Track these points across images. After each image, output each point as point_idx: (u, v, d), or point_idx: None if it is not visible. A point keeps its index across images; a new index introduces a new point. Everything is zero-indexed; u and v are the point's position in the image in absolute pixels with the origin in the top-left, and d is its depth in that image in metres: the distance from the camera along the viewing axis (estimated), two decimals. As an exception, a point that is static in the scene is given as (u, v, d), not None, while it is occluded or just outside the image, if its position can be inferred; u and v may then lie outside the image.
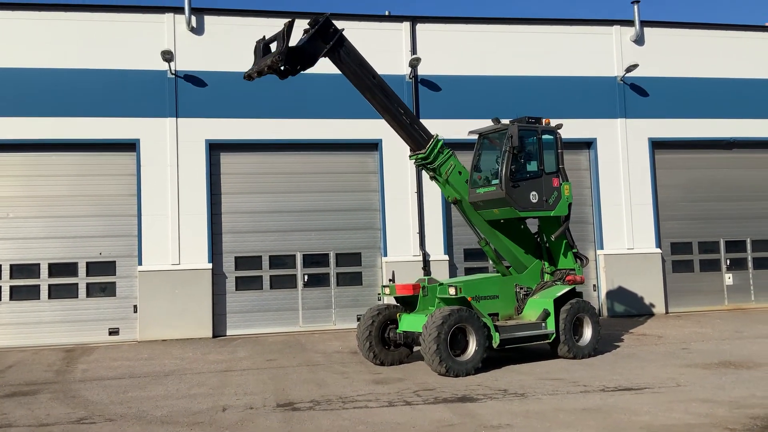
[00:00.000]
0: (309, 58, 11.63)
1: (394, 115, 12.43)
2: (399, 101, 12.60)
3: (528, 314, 12.66)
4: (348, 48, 12.00)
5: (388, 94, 12.38)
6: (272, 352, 14.48)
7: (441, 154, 12.78)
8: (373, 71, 12.27)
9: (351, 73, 12.07)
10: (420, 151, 12.67)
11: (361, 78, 12.12)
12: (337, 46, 11.84)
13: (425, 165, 12.89)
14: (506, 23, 19.66)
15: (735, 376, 10.48)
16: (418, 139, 12.65)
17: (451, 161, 12.91)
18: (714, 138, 20.56)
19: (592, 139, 19.77)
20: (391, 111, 12.40)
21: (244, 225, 18.01)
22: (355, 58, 12.07)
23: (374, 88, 12.20)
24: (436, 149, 12.69)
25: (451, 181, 12.93)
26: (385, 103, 12.31)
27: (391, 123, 12.58)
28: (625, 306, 19.38)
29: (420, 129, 12.72)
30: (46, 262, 17.01)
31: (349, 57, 11.98)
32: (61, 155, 17.33)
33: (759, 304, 20.62)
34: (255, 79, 11.85)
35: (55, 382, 11.85)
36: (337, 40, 11.79)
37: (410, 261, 18.20)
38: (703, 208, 20.60)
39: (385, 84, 12.47)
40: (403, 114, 12.52)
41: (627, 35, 20.24)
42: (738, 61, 20.83)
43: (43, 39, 17.26)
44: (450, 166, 12.87)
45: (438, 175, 12.91)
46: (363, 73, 12.12)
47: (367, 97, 12.32)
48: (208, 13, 18.13)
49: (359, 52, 12.16)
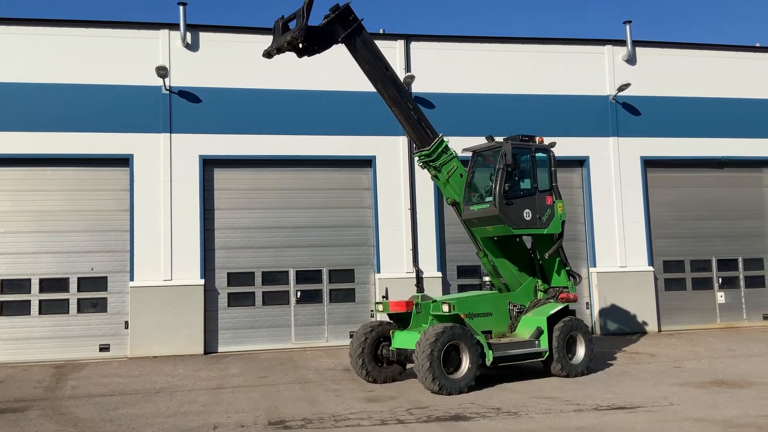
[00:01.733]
0: (326, 39, 11.95)
1: (403, 109, 12.62)
2: (409, 96, 12.85)
3: (521, 332, 12.64)
4: (365, 37, 12.29)
5: (399, 87, 12.67)
6: (264, 369, 14.39)
7: (444, 153, 12.97)
8: (387, 63, 12.57)
9: (365, 62, 12.32)
10: (424, 148, 12.82)
11: (374, 68, 12.37)
12: (355, 34, 12.13)
13: (428, 163, 13.05)
14: (500, 42, 19.81)
15: (728, 395, 10.48)
16: (424, 137, 12.82)
17: (454, 162, 13.10)
18: (706, 157, 20.70)
19: (585, 157, 19.87)
20: (400, 104, 12.59)
21: (237, 241, 17.97)
22: (371, 48, 12.37)
23: (386, 80, 12.45)
24: (440, 148, 12.88)
25: (452, 182, 13.11)
26: (395, 96, 12.53)
27: (399, 117, 12.77)
28: (618, 324, 19.38)
29: (426, 126, 12.90)
30: (37, 278, 16.89)
31: (365, 46, 12.28)
32: (54, 170, 17.28)
33: (751, 322, 20.66)
34: (274, 56, 12.19)
35: (44, 398, 11.73)
36: (355, 28, 12.10)
37: (403, 278, 18.17)
38: (695, 227, 20.69)
39: (397, 78, 12.80)
40: (411, 109, 12.73)
41: (619, 55, 20.42)
42: (729, 81, 21.02)
43: (37, 54, 17.26)
44: (452, 167, 13.06)
45: (439, 174, 13.06)
46: (377, 64, 12.38)
47: (379, 88, 12.54)
48: (203, 30, 18.19)
49: (375, 44, 12.48)
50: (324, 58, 18.15)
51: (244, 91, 18.10)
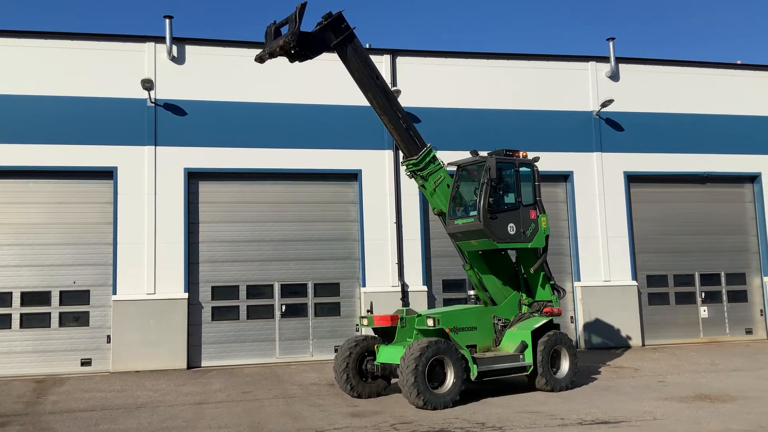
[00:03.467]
0: (318, 45, 12.07)
1: (392, 118, 12.71)
2: (398, 105, 12.93)
3: (506, 346, 12.65)
4: (356, 45, 12.40)
5: (389, 96, 12.79)
6: (248, 384, 14.28)
7: (432, 163, 13.06)
8: (377, 72, 12.69)
9: (355, 69, 12.43)
10: (412, 157, 12.90)
11: (365, 76, 12.47)
12: (347, 41, 12.26)
13: (415, 172, 13.13)
14: (485, 58, 19.97)
15: (711, 410, 10.53)
16: (412, 146, 12.91)
17: (441, 173, 13.18)
18: (688, 172, 20.89)
19: (569, 172, 20.01)
20: (389, 113, 12.68)
21: (222, 254, 17.87)
22: (362, 57, 12.48)
23: (376, 89, 12.56)
24: (428, 158, 12.97)
25: (439, 192, 13.19)
26: (385, 105, 12.63)
27: (388, 125, 12.86)
28: (602, 338, 19.45)
29: (415, 136, 13.00)
30: (19, 291, 16.70)
31: (356, 54, 12.39)
32: (37, 182, 17.13)
33: (733, 336, 20.80)
34: (266, 61, 12.25)
35: (24, 413, 11.56)
36: (347, 36, 12.23)
37: (389, 291, 18.15)
38: (678, 242, 20.84)
39: (387, 86, 12.92)
40: (400, 118, 12.82)
41: (602, 71, 20.63)
42: (711, 98, 21.29)
43: (21, 66, 17.17)
44: (439, 177, 13.14)
45: (426, 183, 13.14)
46: (367, 72, 12.49)
47: (369, 97, 12.64)
48: (189, 43, 18.18)
49: (366, 52, 12.59)
50: (310, 71, 18.29)
51: (230, 104, 18.09)
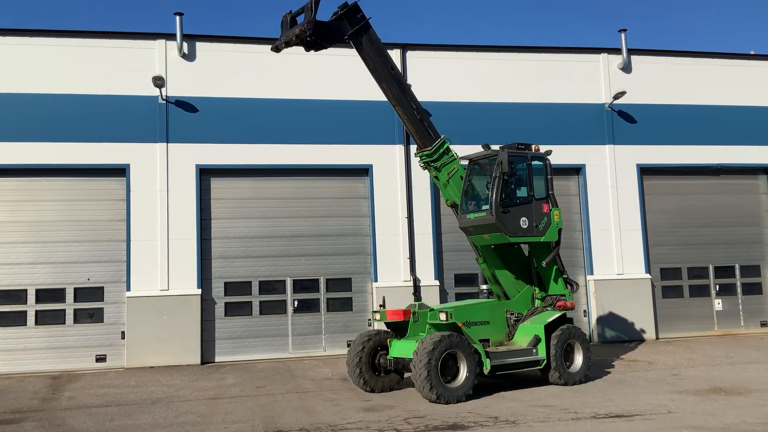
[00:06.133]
0: (334, 35, 12.15)
1: (406, 109, 12.75)
2: (413, 96, 12.97)
3: (519, 340, 12.63)
4: (371, 36, 12.46)
5: (403, 87, 12.82)
6: (261, 379, 14.34)
7: (446, 154, 13.09)
8: (392, 63, 12.77)
9: (370, 60, 12.50)
10: (426, 148, 12.93)
11: (379, 67, 12.55)
12: (362, 32, 12.33)
13: (429, 164, 13.16)
14: (496, 51, 19.87)
15: (726, 402, 10.46)
16: (426, 137, 12.94)
17: (455, 164, 13.21)
18: (701, 164, 20.74)
19: (581, 165, 19.90)
20: (403, 104, 12.73)
21: (234, 250, 17.94)
22: (377, 47, 12.54)
23: (391, 79, 12.62)
24: (441, 149, 13.01)
25: (452, 184, 13.22)
26: (399, 95, 12.67)
27: (402, 116, 12.91)
28: (616, 332, 19.37)
29: (429, 127, 13.03)
30: (34, 288, 16.85)
31: (371, 44, 12.46)
32: (51, 180, 17.25)
33: (748, 329, 20.66)
34: (282, 50, 12.36)
35: (40, 410, 11.67)
36: (362, 26, 12.30)
37: (401, 286, 18.15)
38: (692, 234, 20.71)
39: (402, 77, 12.98)
40: (414, 109, 12.85)
41: (614, 63, 20.49)
42: (724, 89, 21.10)
43: (33, 64, 17.27)
44: (453, 169, 13.18)
45: (440, 174, 13.16)
46: (382, 62, 12.57)
47: (383, 87, 12.70)
48: (200, 40, 18.22)
49: (381, 43, 12.62)
50: (321, 67, 18.30)
51: (241, 100, 18.12)
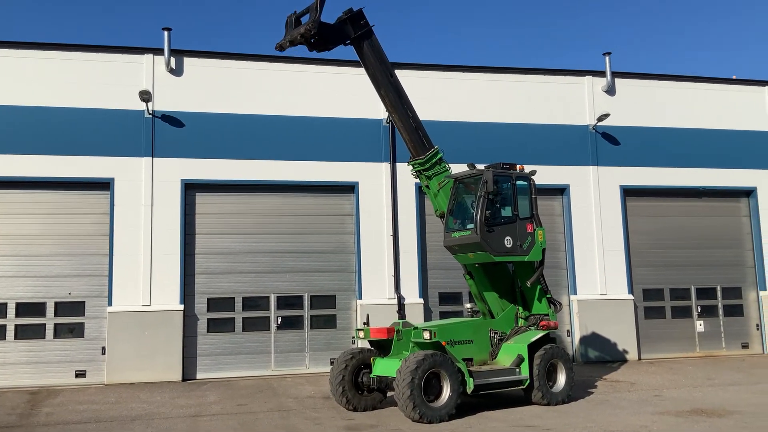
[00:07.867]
0: (337, 37, 12.43)
1: (402, 116, 12.96)
2: (409, 104, 13.17)
3: (502, 359, 12.63)
4: (373, 42, 12.75)
5: (401, 94, 13.05)
6: (243, 397, 14.22)
7: (438, 164, 13.27)
8: (392, 70, 13.05)
9: (370, 65, 12.75)
10: (419, 157, 13.11)
11: (379, 73, 12.80)
12: (365, 37, 12.64)
13: (421, 172, 13.33)
14: (482, 71, 20.05)
15: (707, 424, 10.51)
16: (419, 146, 13.12)
17: (446, 175, 13.31)
18: (684, 186, 20.97)
19: (565, 185, 20.06)
20: (399, 111, 12.94)
21: (218, 266, 17.84)
22: (378, 53, 12.81)
23: (389, 86, 12.89)
24: (434, 159, 13.21)
25: (442, 194, 13.35)
26: (396, 102, 12.90)
27: (398, 123, 13.13)
28: (599, 352, 19.43)
29: (423, 136, 13.23)
30: (14, 302, 16.63)
31: (372, 50, 12.73)
32: (33, 193, 17.08)
33: (729, 351, 20.80)
34: (286, 48, 12.50)
35: (18, 426, 11.49)
36: (365, 32, 12.59)
37: (385, 304, 18.12)
38: (674, 255, 20.88)
39: (400, 85, 13.17)
40: (410, 117, 13.05)
41: (599, 85, 20.74)
42: (707, 113, 21.40)
43: (18, 77, 17.17)
44: (444, 180, 13.33)
45: (430, 183, 13.31)
46: (382, 69, 12.83)
47: (381, 93, 12.96)
48: (187, 55, 18.24)
49: (382, 49, 12.88)
50: (308, 84, 18.39)
51: (228, 116, 18.12)
